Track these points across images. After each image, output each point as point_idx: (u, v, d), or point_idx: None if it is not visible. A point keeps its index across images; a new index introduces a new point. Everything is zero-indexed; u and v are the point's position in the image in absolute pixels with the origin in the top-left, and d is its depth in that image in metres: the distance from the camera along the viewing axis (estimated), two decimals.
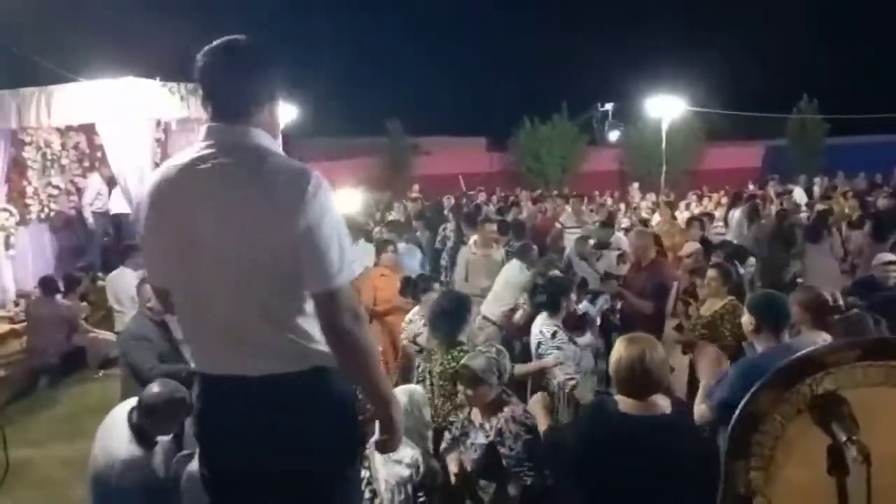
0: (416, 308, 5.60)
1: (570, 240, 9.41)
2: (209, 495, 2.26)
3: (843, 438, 1.32)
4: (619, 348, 3.09)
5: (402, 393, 3.66)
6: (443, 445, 4.01)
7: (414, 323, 5.47)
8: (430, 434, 3.99)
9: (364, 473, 3.42)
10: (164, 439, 3.63)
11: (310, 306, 2.05)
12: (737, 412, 1.55)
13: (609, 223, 9.76)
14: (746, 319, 3.84)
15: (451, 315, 4.52)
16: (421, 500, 3.56)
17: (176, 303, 2.18)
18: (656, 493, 2.76)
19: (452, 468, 3.81)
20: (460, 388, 3.82)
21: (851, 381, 1.49)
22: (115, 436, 3.49)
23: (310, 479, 2.12)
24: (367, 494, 3.46)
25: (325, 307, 2.00)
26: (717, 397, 3.65)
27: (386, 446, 2.26)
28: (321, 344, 2.07)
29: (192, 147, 2.11)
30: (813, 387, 1.49)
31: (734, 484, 1.54)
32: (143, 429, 3.50)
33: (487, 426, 3.61)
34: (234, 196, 1.96)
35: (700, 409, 3.74)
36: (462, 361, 3.85)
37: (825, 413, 1.41)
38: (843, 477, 1.31)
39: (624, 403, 2.96)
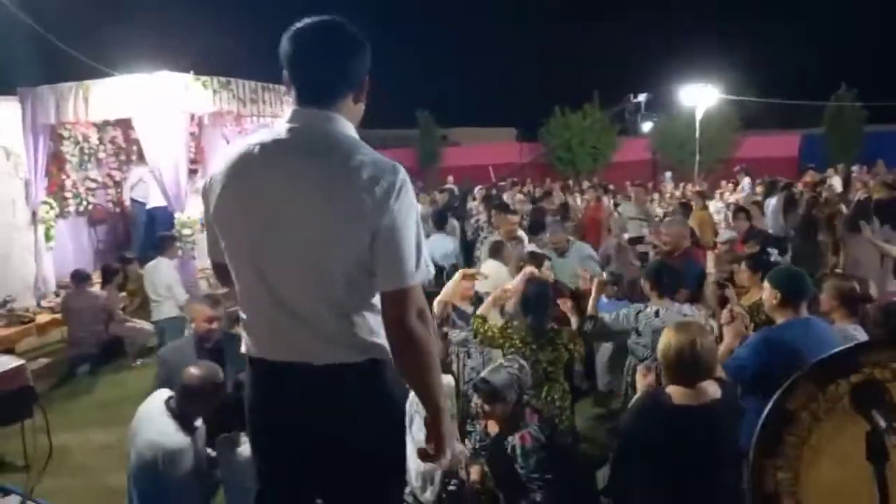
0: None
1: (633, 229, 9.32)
2: (259, 481, 2.23)
3: (884, 425, 1.29)
4: (669, 335, 3.09)
5: None
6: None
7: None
8: (454, 423, 3.99)
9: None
10: (199, 423, 3.67)
11: (377, 300, 2.01)
12: (768, 408, 1.51)
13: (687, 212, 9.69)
14: (767, 294, 3.82)
15: (542, 300, 4.56)
16: (451, 488, 3.58)
17: (239, 283, 2.12)
18: (708, 480, 2.85)
19: (474, 476, 3.81)
20: (476, 401, 3.83)
21: (888, 379, 1.44)
22: (156, 428, 3.50)
23: (360, 470, 2.09)
24: None
25: (396, 305, 1.95)
26: (734, 360, 3.75)
27: (431, 456, 2.13)
28: (381, 338, 2.04)
29: (275, 127, 2.07)
30: (846, 385, 1.45)
31: (762, 482, 1.51)
32: (185, 414, 3.53)
33: (507, 445, 3.62)
34: (321, 183, 1.91)
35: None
36: (482, 375, 3.83)
37: (865, 399, 1.38)
38: (883, 463, 1.28)
39: (675, 394, 2.96)
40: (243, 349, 2.19)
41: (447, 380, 4.05)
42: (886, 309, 4.63)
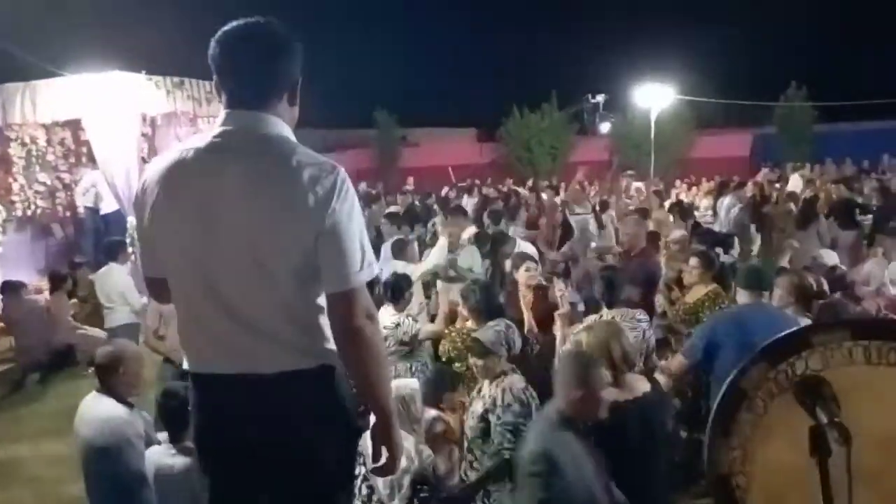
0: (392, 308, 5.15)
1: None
2: (210, 495, 2.17)
3: (825, 420, 1.33)
4: (582, 338, 3.29)
5: None
6: None
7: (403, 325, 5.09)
8: (421, 428, 3.97)
9: (359, 470, 3.41)
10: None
11: (324, 303, 2.00)
12: (723, 388, 1.57)
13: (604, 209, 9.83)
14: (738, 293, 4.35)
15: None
16: (423, 495, 3.54)
17: (180, 295, 2.06)
18: (644, 469, 3.10)
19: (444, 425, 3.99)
20: (472, 360, 3.91)
21: (837, 360, 1.50)
22: (94, 412, 3.56)
23: (311, 478, 2.06)
24: (364, 491, 3.44)
25: (342, 306, 1.94)
26: (688, 345, 4.20)
27: (386, 468, 2.12)
28: (332, 342, 2.02)
29: (208, 132, 2.03)
30: (797, 365, 1.51)
31: (716, 461, 1.56)
32: (114, 390, 3.59)
33: (486, 394, 3.70)
34: (260, 184, 1.88)
35: (675, 361, 4.23)
36: (473, 335, 3.98)
37: (808, 395, 1.43)
38: (825, 458, 1.32)
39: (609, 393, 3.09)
40: (185, 366, 2.14)
41: (412, 383, 4.02)
42: (830, 303, 4.84)
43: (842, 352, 1.51)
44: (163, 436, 3.64)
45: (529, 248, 7.07)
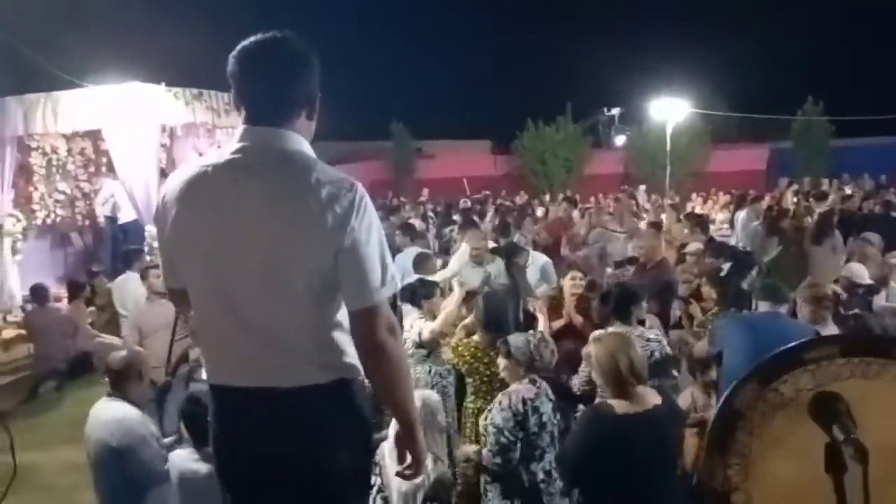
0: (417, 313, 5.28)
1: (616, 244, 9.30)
2: (226, 500, 2.21)
3: (842, 437, 1.33)
4: (593, 351, 3.31)
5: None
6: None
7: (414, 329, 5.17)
8: (443, 440, 3.96)
9: (375, 481, 3.42)
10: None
11: (344, 318, 2.00)
12: (717, 407, 1.57)
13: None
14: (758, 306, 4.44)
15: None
16: None
17: (199, 308, 2.07)
18: (656, 481, 3.13)
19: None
20: (498, 359, 3.96)
21: (830, 377, 1.50)
22: (101, 414, 3.65)
23: (326, 491, 2.06)
24: (378, 502, 3.45)
25: (365, 323, 1.95)
26: (710, 331, 4.41)
27: (409, 474, 2.16)
28: (351, 357, 2.03)
29: (226, 147, 2.03)
30: (789, 384, 1.51)
31: (712, 479, 1.55)
32: (122, 391, 3.68)
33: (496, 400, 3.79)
34: (278, 204, 1.88)
35: (700, 346, 4.42)
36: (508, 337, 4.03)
37: (823, 411, 1.42)
38: (841, 475, 1.32)
39: (616, 405, 3.17)
40: (204, 377, 2.16)
41: (432, 395, 4.01)
42: (853, 317, 4.84)
43: (832, 369, 1.51)
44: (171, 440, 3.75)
45: (543, 259, 7.06)
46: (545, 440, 3.71)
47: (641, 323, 4.83)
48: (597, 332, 4.10)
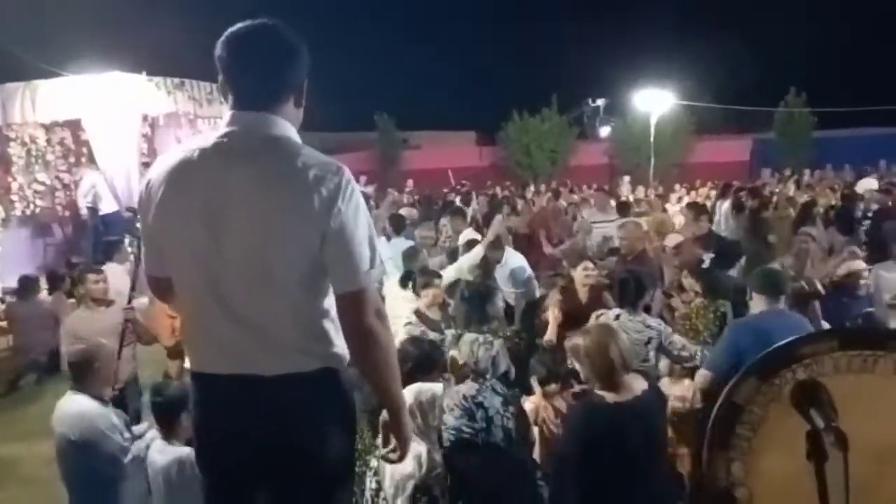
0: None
1: (598, 234, 9.27)
2: (206, 491, 2.18)
3: (822, 425, 1.33)
4: (579, 342, 3.34)
5: (408, 393, 3.59)
6: None
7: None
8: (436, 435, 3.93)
9: (373, 463, 3.42)
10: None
11: (331, 306, 2.00)
12: (718, 403, 1.57)
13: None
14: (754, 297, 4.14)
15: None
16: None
17: (184, 295, 2.05)
18: (649, 466, 3.15)
19: None
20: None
21: (828, 370, 1.51)
22: (65, 408, 3.68)
23: (310, 478, 2.06)
24: (373, 485, 3.44)
25: (352, 307, 1.94)
26: (711, 358, 4.04)
27: (394, 457, 2.18)
28: (338, 347, 2.03)
29: (213, 132, 2.01)
30: (789, 377, 1.51)
31: (714, 475, 1.55)
32: (84, 385, 3.71)
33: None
34: (265, 185, 1.88)
35: (700, 376, 4.08)
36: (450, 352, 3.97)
37: (804, 399, 1.43)
38: (822, 462, 1.32)
39: (606, 394, 3.17)
40: (187, 365, 2.14)
41: (433, 387, 3.95)
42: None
43: (831, 361, 1.52)
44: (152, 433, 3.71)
45: (517, 262, 6.81)
46: (498, 435, 3.63)
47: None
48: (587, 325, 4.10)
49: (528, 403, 4.12)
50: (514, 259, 6.79)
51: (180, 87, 9.15)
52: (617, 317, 4.54)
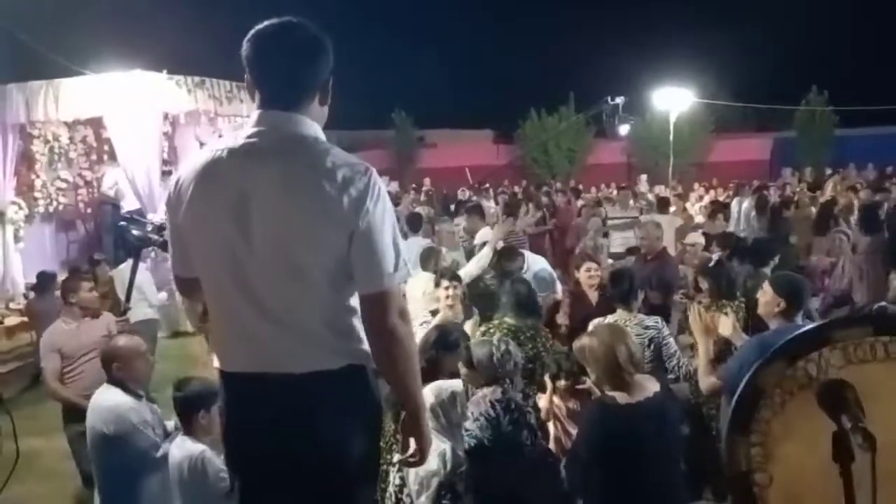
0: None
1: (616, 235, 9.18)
2: (238, 494, 2.18)
3: (849, 425, 1.31)
4: (587, 343, 3.32)
5: (428, 392, 3.44)
6: None
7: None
8: (461, 431, 3.88)
9: (396, 457, 3.41)
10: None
11: (357, 302, 2.00)
12: (741, 386, 1.55)
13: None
14: (769, 299, 3.70)
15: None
16: (444, 502, 3.50)
17: (213, 294, 2.07)
18: (662, 468, 3.12)
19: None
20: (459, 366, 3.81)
21: (860, 356, 1.48)
22: (99, 401, 3.70)
23: (335, 475, 2.05)
24: (396, 481, 3.44)
25: (376, 307, 1.95)
26: (728, 368, 3.73)
27: (413, 461, 2.17)
28: (364, 343, 2.03)
29: (241, 132, 2.02)
30: (817, 362, 1.49)
31: (735, 459, 1.54)
32: (122, 380, 3.73)
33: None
34: (294, 188, 1.88)
35: (708, 381, 3.83)
36: (467, 343, 3.89)
37: (831, 399, 1.41)
38: (849, 464, 1.30)
39: (618, 396, 3.15)
40: (216, 364, 2.14)
41: (453, 385, 3.93)
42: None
43: (864, 348, 1.49)
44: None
45: (539, 265, 6.60)
46: (522, 432, 3.50)
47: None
48: (591, 325, 4.08)
49: (542, 401, 4.09)
50: (536, 263, 6.59)
51: (200, 85, 9.20)
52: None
